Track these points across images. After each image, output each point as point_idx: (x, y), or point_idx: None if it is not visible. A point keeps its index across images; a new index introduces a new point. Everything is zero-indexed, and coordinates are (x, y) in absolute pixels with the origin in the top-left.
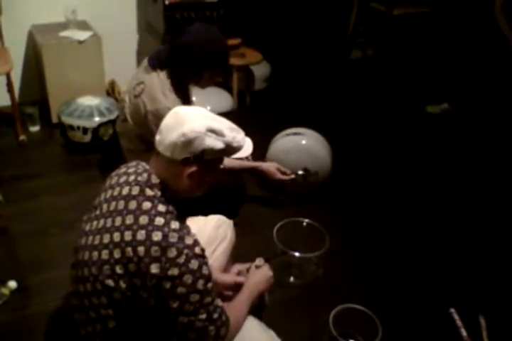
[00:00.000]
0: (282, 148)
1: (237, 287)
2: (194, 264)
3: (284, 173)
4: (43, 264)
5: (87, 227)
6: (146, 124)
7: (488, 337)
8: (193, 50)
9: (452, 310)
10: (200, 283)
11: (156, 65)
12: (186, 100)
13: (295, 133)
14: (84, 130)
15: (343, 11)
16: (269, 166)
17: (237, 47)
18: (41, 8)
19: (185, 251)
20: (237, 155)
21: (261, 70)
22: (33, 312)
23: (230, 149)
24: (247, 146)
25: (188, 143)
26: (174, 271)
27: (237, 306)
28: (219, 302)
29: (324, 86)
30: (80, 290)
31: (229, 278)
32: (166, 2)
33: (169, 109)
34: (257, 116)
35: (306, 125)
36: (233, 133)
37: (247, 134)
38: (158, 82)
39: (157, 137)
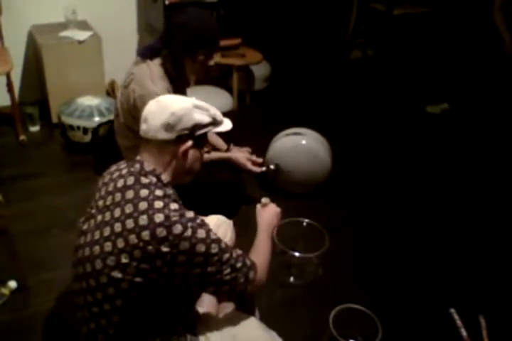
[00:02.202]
0: (282, 148)
1: None
2: (201, 233)
3: (254, 163)
4: (43, 264)
5: (85, 227)
6: (135, 114)
7: (488, 337)
8: (190, 26)
9: (452, 310)
10: (213, 247)
11: (146, 55)
12: (180, 89)
13: (295, 133)
14: (85, 130)
15: (343, 11)
16: (238, 157)
17: (237, 47)
18: (41, 8)
19: (189, 224)
20: (221, 128)
21: (261, 70)
22: (33, 312)
23: (216, 122)
24: (227, 121)
25: (179, 120)
26: (185, 245)
27: (260, 247)
28: (237, 251)
29: (324, 86)
30: (82, 287)
31: None
32: (166, 2)
33: (157, 94)
34: (257, 116)
35: (306, 125)
36: (213, 108)
37: (247, 134)
38: (147, 69)
39: (143, 126)
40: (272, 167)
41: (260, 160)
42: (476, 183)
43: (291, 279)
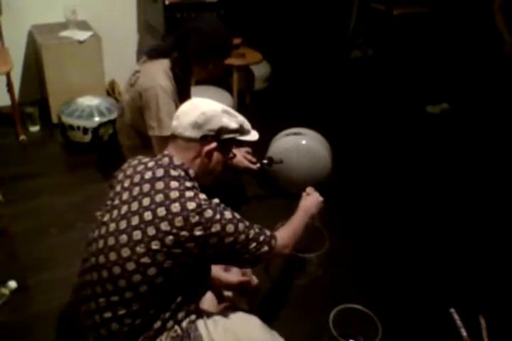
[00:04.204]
0: (282, 148)
1: (240, 287)
2: (228, 214)
3: (250, 161)
4: (43, 264)
5: (106, 218)
6: (141, 113)
7: (488, 337)
8: (204, 34)
9: (452, 310)
10: (240, 226)
11: (153, 55)
12: (184, 90)
13: (295, 133)
14: (85, 130)
15: (343, 10)
16: (237, 155)
17: (237, 47)
18: (41, 8)
19: (218, 208)
20: (248, 137)
21: (261, 70)
22: (33, 312)
23: (243, 130)
24: (254, 132)
25: (207, 120)
26: (217, 227)
27: (293, 221)
28: (258, 226)
29: (324, 86)
30: (102, 276)
31: (234, 277)
32: (166, 2)
33: (161, 86)
34: (257, 116)
35: (306, 125)
36: (242, 117)
37: None
38: (153, 67)
39: (174, 122)
40: (265, 161)
41: (254, 159)
42: (476, 183)
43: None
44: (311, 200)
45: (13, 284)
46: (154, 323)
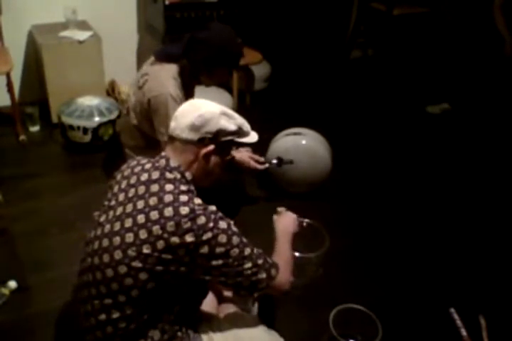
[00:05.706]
0: (282, 148)
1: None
2: (223, 224)
3: (257, 161)
4: (43, 264)
5: (102, 218)
6: (147, 116)
7: (488, 337)
8: (212, 46)
9: (452, 310)
10: (234, 239)
11: (162, 58)
12: (189, 94)
13: (295, 133)
14: (85, 130)
15: (343, 10)
16: (242, 156)
17: None
18: (41, 8)
19: (212, 216)
20: (247, 139)
21: (261, 70)
22: (33, 312)
23: (242, 132)
24: (253, 133)
25: (204, 122)
26: (208, 235)
27: (281, 252)
28: (260, 250)
29: (324, 86)
30: (96, 278)
31: None
32: (166, 2)
33: (171, 94)
34: (257, 116)
35: (306, 125)
36: (241, 118)
37: None
38: (163, 71)
39: (172, 123)
40: (274, 161)
41: (262, 158)
42: (476, 183)
43: (291, 279)
44: (284, 221)
45: (13, 284)
46: (152, 331)
